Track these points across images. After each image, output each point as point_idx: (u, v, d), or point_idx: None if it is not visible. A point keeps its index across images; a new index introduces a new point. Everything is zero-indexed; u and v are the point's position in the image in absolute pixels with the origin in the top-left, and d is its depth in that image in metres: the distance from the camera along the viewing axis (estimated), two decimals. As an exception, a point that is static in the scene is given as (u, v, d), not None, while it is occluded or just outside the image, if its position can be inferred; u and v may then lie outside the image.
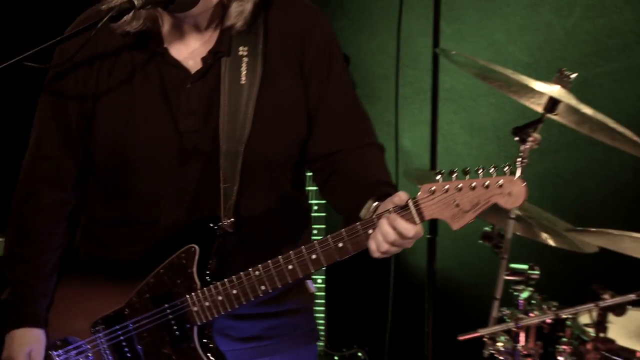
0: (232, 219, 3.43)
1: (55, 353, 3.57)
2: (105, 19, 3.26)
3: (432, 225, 5.26)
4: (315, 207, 5.39)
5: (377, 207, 3.28)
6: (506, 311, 4.13)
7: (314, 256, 3.32)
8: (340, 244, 3.27)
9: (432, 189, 3.16)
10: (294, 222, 3.62)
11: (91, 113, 3.49)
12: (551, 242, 4.31)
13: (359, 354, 5.53)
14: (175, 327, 3.48)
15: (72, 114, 3.52)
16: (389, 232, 3.18)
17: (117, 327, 3.53)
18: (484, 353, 4.08)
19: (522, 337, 3.99)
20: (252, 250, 3.45)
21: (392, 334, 5.37)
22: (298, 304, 3.57)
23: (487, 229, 4.12)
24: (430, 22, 5.24)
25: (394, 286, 5.42)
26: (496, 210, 3.63)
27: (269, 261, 3.37)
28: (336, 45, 3.59)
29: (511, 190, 3.16)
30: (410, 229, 3.12)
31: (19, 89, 3.56)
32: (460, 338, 3.97)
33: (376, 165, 3.53)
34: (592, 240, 4.21)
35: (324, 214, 5.45)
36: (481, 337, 4.03)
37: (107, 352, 3.55)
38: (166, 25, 3.45)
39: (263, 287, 3.38)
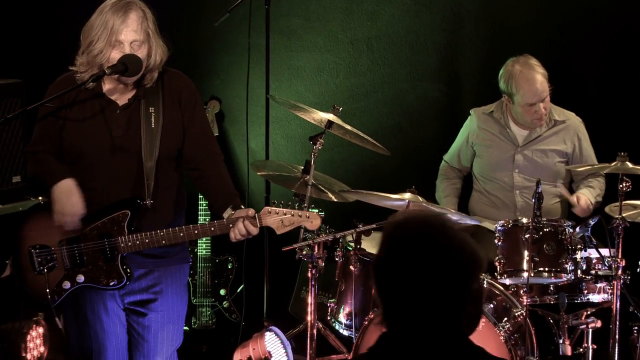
0: (152, 200, 3.93)
1: (34, 251, 3.96)
2: (89, 80, 3.83)
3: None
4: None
5: (234, 213, 3.87)
6: (308, 234, 4.54)
7: (196, 231, 3.89)
8: (212, 229, 3.89)
9: (269, 211, 3.85)
10: (180, 195, 4.10)
11: (62, 127, 3.99)
12: (332, 197, 4.73)
13: (229, 258, 6.02)
14: (108, 252, 3.93)
15: (51, 127, 4.00)
16: (242, 230, 3.83)
17: (74, 245, 3.94)
18: (296, 257, 4.65)
19: (316, 248, 4.56)
20: (157, 215, 3.97)
21: (247, 248, 5.70)
22: (181, 244, 4.06)
23: (294, 191, 4.47)
24: (264, 79, 5.70)
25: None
26: (301, 183, 4.47)
27: (170, 229, 3.85)
28: (198, 95, 4.07)
29: (313, 220, 3.91)
30: (255, 230, 3.85)
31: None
32: (284, 249, 4.57)
33: (227, 179, 4.02)
34: (352, 196, 4.82)
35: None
36: (294, 248, 4.59)
37: (65, 258, 3.94)
38: (107, 84, 3.96)
39: (164, 242, 3.89)
